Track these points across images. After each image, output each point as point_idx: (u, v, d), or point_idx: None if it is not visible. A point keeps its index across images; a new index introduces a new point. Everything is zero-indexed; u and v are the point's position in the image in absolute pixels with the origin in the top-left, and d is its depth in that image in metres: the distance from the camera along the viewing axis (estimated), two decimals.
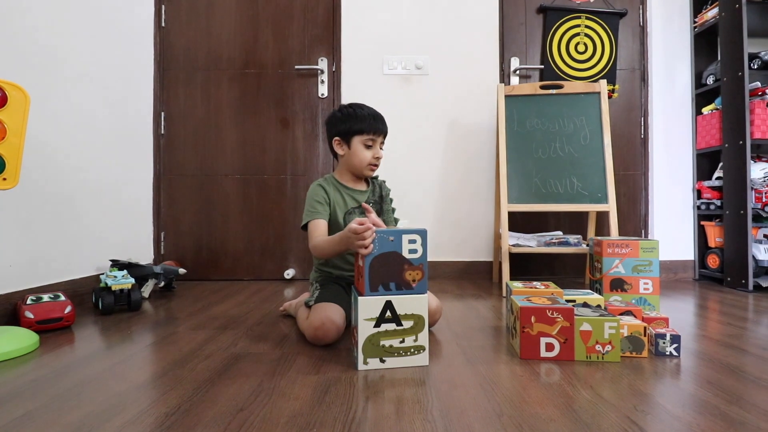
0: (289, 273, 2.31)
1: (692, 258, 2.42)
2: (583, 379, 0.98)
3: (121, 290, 1.58)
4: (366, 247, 1.03)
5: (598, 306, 1.29)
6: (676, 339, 1.14)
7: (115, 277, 1.59)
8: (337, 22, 2.36)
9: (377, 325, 1.04)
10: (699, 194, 2.38)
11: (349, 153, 1.40)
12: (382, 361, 1.04)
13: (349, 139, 1.39)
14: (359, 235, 1.03)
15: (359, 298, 1.04)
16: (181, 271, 1.84)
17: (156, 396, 0.88)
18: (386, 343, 1.04)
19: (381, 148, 1.42)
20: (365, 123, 1.38)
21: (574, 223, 2.42)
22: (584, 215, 2.34)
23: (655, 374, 1.01)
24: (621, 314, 1.27)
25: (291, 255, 2.35)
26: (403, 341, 1.06)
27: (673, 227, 2.43)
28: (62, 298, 1.41)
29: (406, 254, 1.07)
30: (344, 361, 1.09)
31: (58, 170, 1.65)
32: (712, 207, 2.29)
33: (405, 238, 1.07)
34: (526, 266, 2.41)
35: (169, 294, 1.96)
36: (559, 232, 2.33)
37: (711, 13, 2.30)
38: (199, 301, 1.83)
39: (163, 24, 2.33)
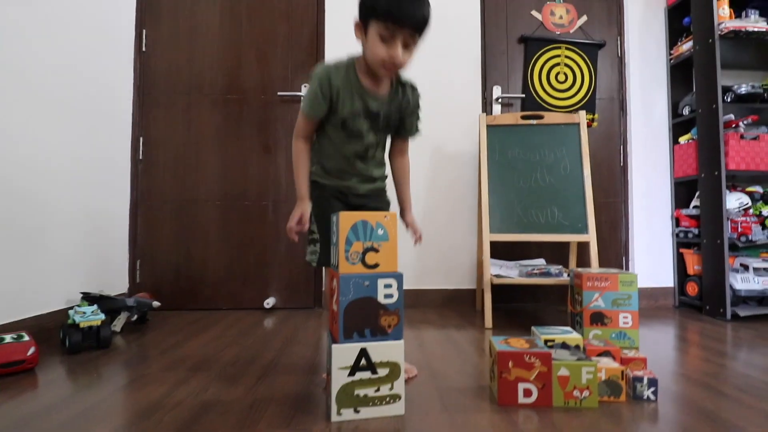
0: (269, 302, 2.26)
1: (672, 285, 2.44)
2: (560, 428, 0.96)
3: (90, 327, 1.53)
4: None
5: (577, 346, 1.28)
6: (653, 382, 1.13)
7: (84, 313, 1.54)
8: (320, 49, 2.36)
9: (352, 374, 1.01)
10: (677, 222, 2.42)
11: (365, 42, 1.12)
12: (357, 411, 1.01)
13: (367, 24, 1.09)
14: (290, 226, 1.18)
15: (333, 345, 1.01)
16: (155, 304, 1.79)
17: None
18: (361, 392, 1.01)
19: (409, 50, 1.11)
20: (388, 5, 1.04)
21: (557, 250, 2.43)
22: (566, 243, 2.35)
23: (632, 421, 1.00)
24: (599, 355, 1.26)
25: (272, 283, 2.31)
26: (378, 390, 1.03)
27: (654, 254, 2.45)
28: (26, 338, 1.35)
29: (381, 299, 1.04)
30: (318, 410, 1.06)
31: (26, 199, 1.60)
32: (690, 235, 2.32)
33: (381, 282, 1.05)
34: (509, 294, 2.40)
35: (142, 327, 1.90)
36: (542, 260, 2.34)
37: (686, 46, 2.36)
38: (174, 334, 1.77)
39: (143, 48, 2.30)
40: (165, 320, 2.03)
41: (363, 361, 1.02)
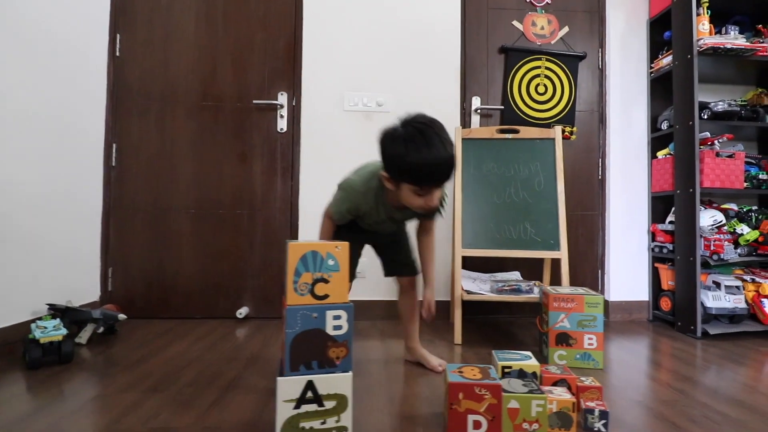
0: (242, 312, 2.25)
1: (647, 299, 2.45)
2: None
3: (51, 343, 1.51)
4: None
5: (534, 374, 1.28)
6: (604, 415, 1.13)
7: (45, 328, 1.52)
8: (297, 57, 2.34)
9: (297, 407, 1.01)
10: (653, 237, 2.42)
11: (398, 191, 1.23)
12: None
13: (397, 181, 1.20)
14: None
15: (278, 378, 1.00)
16: (121, 317, 1.77)
17: None
18: (306, 425, 1.01)
19: (441, 191, 1.23)
20: (417, 175, 1.15)
21: (533, 263, 2.42)
22: (540, 258, 2.35)
23: None
24: (555, 383, 1.26)
25: (245, 293, 2.30)
26: (324, 422, 1.02)
27: (630, 268, 2.46)
28: None
29: (330, 331, 1.04)
30: None
31: None
32: (664, 251, 2.32)
33: (329, 314, 1.04)
34: (482, 305, 2.39)
35: (110, 338, 1.89)
36: (517, 273, 2.34)
37: (666, 60, 2.35)
38: (140, 348, 1.76)
39: (117, 53, 2.27)
40: (134, 330, 2.01)
41: (309, 393, 1.02)
